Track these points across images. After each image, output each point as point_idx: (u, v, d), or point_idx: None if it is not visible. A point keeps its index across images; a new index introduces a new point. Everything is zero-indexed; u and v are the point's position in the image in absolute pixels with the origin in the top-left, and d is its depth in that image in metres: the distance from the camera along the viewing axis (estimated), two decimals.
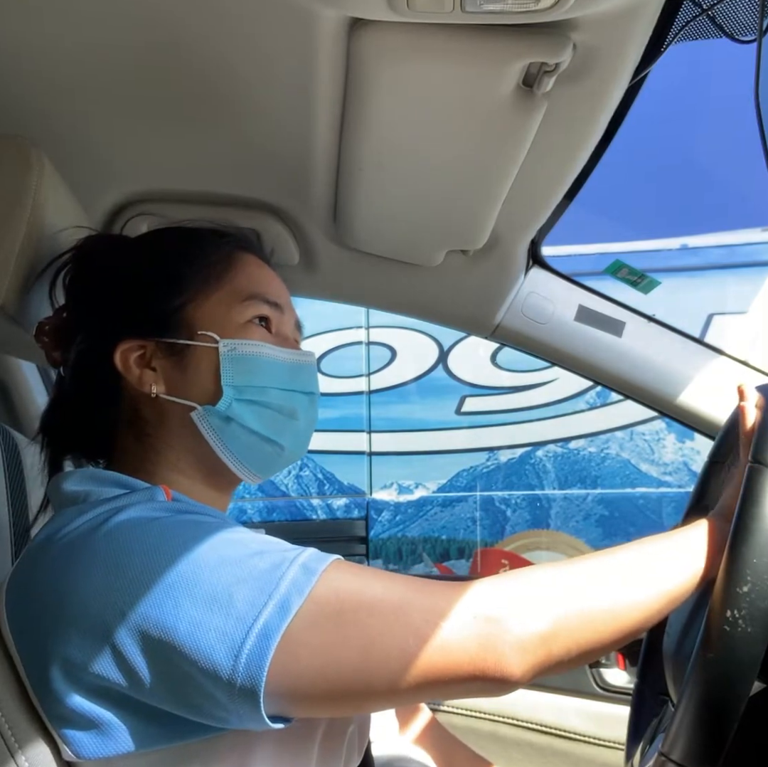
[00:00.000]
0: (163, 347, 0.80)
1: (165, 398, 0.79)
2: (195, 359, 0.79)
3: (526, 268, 1.34)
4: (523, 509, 4.02)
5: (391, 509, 4.11)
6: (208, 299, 0.81)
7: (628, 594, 0.66)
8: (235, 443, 0.79)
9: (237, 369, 0.79)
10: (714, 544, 0.70)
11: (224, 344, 0.79)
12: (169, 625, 0.61)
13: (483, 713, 1.54)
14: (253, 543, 0.66)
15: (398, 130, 0.94)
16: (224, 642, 0.60)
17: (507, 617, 0.62)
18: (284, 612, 0.60)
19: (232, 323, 0.81)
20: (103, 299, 0.83)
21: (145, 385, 0.79)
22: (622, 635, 0.65)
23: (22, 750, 0.65)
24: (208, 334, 0.79)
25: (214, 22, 0.82)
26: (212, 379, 0.79)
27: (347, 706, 0.67)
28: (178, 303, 0.81)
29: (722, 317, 3.79)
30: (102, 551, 0.64)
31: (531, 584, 0.65)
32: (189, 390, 0.79)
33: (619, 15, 0.75)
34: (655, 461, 3.95)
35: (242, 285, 0.82)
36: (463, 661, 0.61)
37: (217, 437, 0.79)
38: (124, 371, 0.80)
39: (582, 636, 0.63)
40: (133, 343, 0.80)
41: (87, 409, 0.83)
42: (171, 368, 0.80)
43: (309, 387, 0.85)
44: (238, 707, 0.60)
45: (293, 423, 0.83)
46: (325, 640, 0.61)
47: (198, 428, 0.79)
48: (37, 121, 0.99)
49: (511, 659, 0.61)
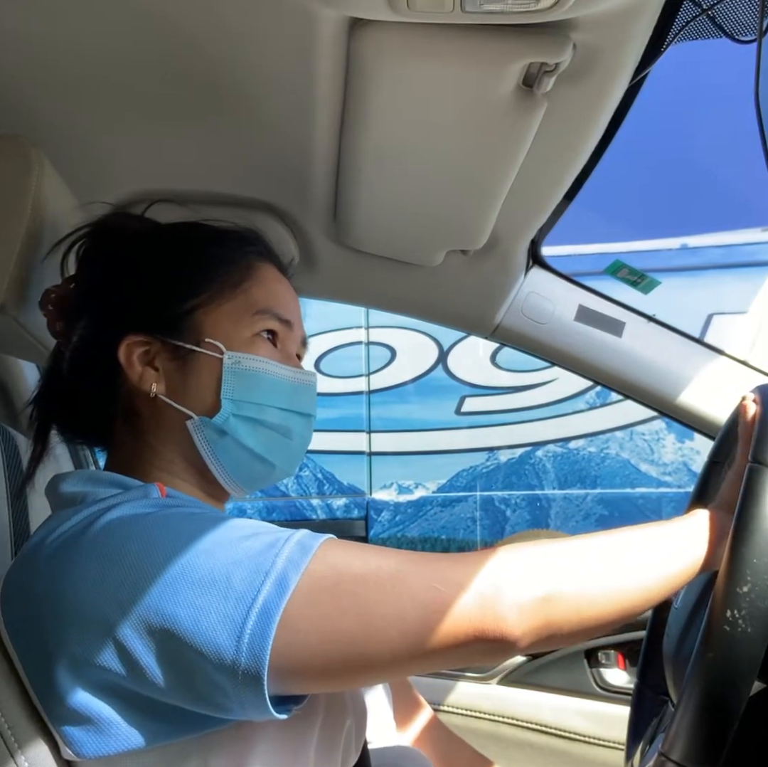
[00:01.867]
0: (169, 348, 0.79)
1: (163, 399, 0.78)
2: (198, 366, 0.79)
3: (526, 268, 1.34)
4: (523, 509, 4.02)
5: (391, 509, 4.12)
6: (220, 306, 0.80)
7: (628, 573, 0.66)
8: (226, 457, 0.79)
9: (238, 383, 0.78)
10: (715, 533, 0.70)
11: (229, 356, 0.78)
12: (169, 612, 0.61)
13: (483, 713, 1.54)
14: (246, 527, 0.66)
15: (398, 130, 0.94)
16: (226, 625, 0.60)
17: (506, 581, 0.62)
18: (282, 589, 0.60)
19: (240, 335, 0.80)
20: (116, 285, 0.82)
21: (145, 383, 0.79)
22: (622, 613, 0.65)
23: (21, 750, 0.65)
24: (214, 343, 0.79)
25: (214, 23, 0.82)
26: (212, 390, 0.78)
27: (350, 678, 0.66)
28: (190, 306, 0.80)
29: (722, 317, 3.79)
30: (97, 546, 0.65)
31: (532, 553, 0.66)
32: (187, 397, 0.79)
33: (619, 15, 0.75)
34: (654, 461, 3.96)
35: (257, 298, 0.82)
36: (462, 623, 0.61)
37: (209, 448, 0.78)
38: (126, 366, 0.79)
39: (581, 608, 0.63)
40: (139, 338, 0.79)
41: (83, 396, 0.82)
42: (173, 370, 0.79)
43: (307, 409, 0.84)
44: (242, 691, 0.60)
45: (287, 443, 0.82)
46: (324, 613, 0.61)
47: (191, 436, 0.78)
48: (37, 121, 0.99)
49: (509, 619, 0.61)
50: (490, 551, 0.66)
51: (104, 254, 0.84)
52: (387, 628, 0.61)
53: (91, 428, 0.85)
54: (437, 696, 1.58)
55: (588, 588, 0.64)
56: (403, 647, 0.61)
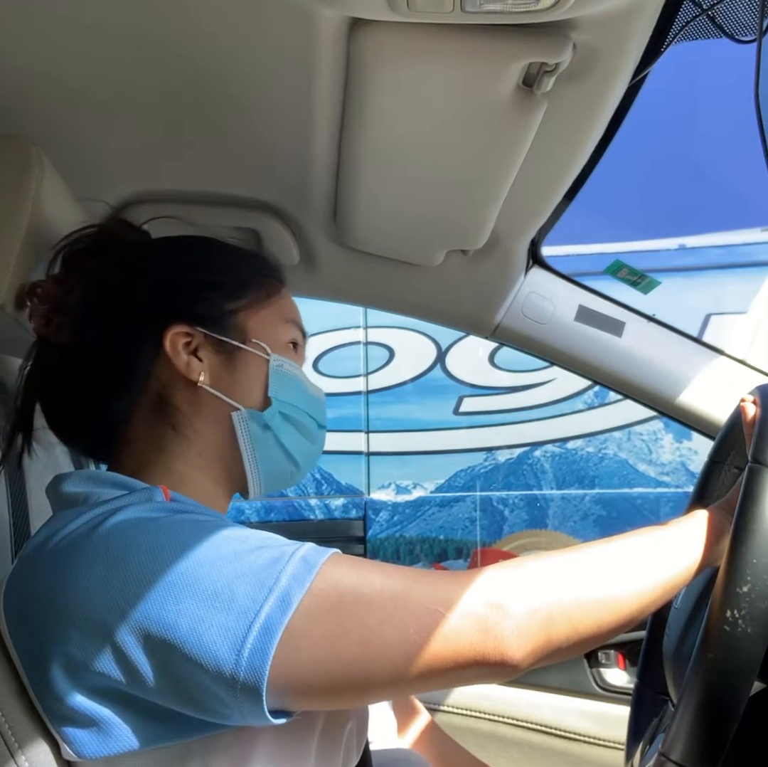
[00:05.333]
0: (213, 342, 0.81)
1: (209, 390, 0.80)
2: (245, 363, 0.82)
3: (526, 268, 1.34)
4: (521, 509, 4.02)
5: (389, 509, 4.11)
6: (259, 312, 0.85)
7: (627, 582, 0.66)
8: (263, 452, 0.82)
9: (282, 385, 0.83)
10: (712, 532, 0.70)
11: (274, 358, 0.83)
12: (170, 622, 0.61)
13: (483, 713, 1.54)
14: (251, 539, 0.66)
15: (398, 130, 0.94)
16: (226, 638, 0.60)
17: (506, 603, 0.62)
18: (285, 606, 0.61)
19: (278, 340, 0.85)
20: (144, 281, 0.83)
21: (193, 372, 0.79)
22: (621, 622, 0.65)
23: (22, 750, 0.65)
24: (261, 343, 0.83)
25: (214, 23, 0.82)
26: (261, 387, 0.82)
27: (350, 697, 0.67)
28: (234, 307, 0.83)
29: (720, 317, 3.79)
30: (101, 551, 0.64)
31: (530, 571, 0.66)
32: (235, 390, 0.81)
33: (619, 15, 0.74)
34: (652, 462, 3.95)
35: (286, 307, 0.88)
36: (463, 647, 0.61)
37: (250, 441, 0.81)
38: (172, 355, 0.79)
39: (581, 623, 0.64)
40: (183, 329, 0.80)
41: (99, 393, 0.81)
42: (219, 364, 0.81)
43: (323, 420, 0.89)
44: (240, 703, 0.60)
45: (311, 448, 0.87)
46: (326, 632, 0.61)
47: (234, 428, 0.80)
48: (37, 121, 0.99)
49: (510, 643, 0.61)
50: (490, 567, 0.66)
51: (118, 253, 0.85)
52: (388, 649, 0.61)
53: (93, 429, 0.83)
54: (437, 696, 1.58)
55: (587, 603, 0.64)
56: (403, 668, 0.61)
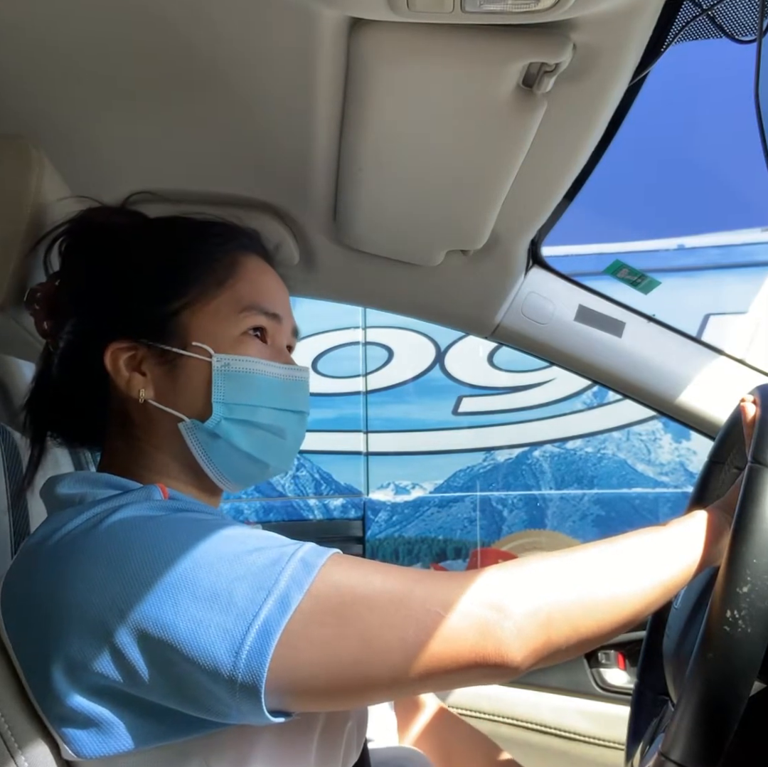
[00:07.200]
0: (156, 352, 0.78)
1: (154, 404, 0.78)
2: (186, 369, 0.78)
3: (526, 268, 1.34)
4: (520, 510, 4.02)
5: (388, 509, 4.11)
6: (206, 305, 0.79)
7: (627, 583, 0.66)
8: (219, 459, 0.79)
9: (229, 386, 0.77)
10: (712, 533, 0.70)
11: (218, 359, 0.77)
12: (168, 623, 0.61)
13: (483, 713, 1.54)
14: (251, 540, 0.66)
15: (398, 130, 0.94)
16: (225, 639, 0.60)
17: (506, 604, 0.62)
18: (284, 608, 0.60)
19: (228, 334, 0.78)
20: (99, 286, 0.80)
21: (133, 389, 0.78)
22: (621, 623, 0.65)
23: (21, 750, 0.65)
24: (202, 346, 0.77)
25: (214, 22, 0.82)
26: (203, 394, 0.77)
27: (350, 699, 0.67)
28: (176, 307, 0.78)
29: (719, 318, 3.79)
30: (100, 550, 0.64)
31: (530, 572, 0.65)
32: (178, 401, 0.78)
33: (619, 15, 0.75)
34: (651, 462, 3.95)
35: (242, 293, 0.80)
36: (463, 649, 0.61)
37: (202, 450, 0.78)
38: (113, 373, 0.78)
39: (581, 623, 0.63)
40: (125, 344, 0.78)
41: (73, 400, 0.82)
42: (162, 375, 0.78)
43: (300, 406, 0.83)
44: (239, 703, 0.60)
45: (281, 442, 0.82)
46: (326, 634, 0.61)
47: (184, 439, 0.78)
48: (37, 121, 0.99)
49: (510, 645, 0.61)
50: (490, 568, 0.66)
51: (85, 252, 0.83)
52: (388, 651, 0.61)
53: (85, 433, 0.84)
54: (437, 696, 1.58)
55: (587, 604, 0.64)
56: (403, 670, 0.61)
